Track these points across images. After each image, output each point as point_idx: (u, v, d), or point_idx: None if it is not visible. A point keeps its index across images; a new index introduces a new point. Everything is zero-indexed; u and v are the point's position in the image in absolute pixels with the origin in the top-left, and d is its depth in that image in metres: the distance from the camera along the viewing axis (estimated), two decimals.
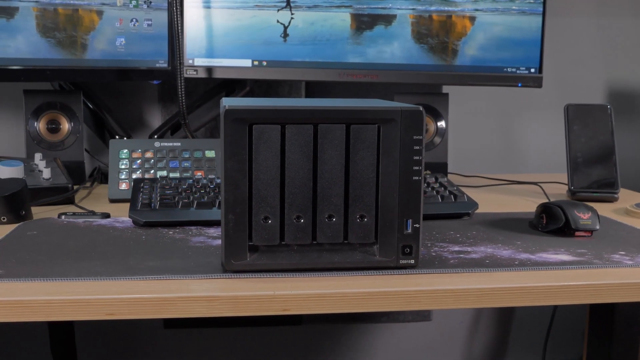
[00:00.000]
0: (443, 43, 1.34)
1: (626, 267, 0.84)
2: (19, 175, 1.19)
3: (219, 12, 1.35)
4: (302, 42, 1.35)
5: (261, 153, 0.77)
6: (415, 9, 1.34)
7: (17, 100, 1.38)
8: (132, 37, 1.34)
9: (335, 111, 0.77)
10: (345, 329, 1.77)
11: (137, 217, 1.01)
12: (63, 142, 1.39)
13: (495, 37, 1.34)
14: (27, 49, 1.29)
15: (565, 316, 1.80)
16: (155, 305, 0.73)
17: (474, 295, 0.77)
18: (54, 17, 1.29)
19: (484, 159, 1.74)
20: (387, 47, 1.35)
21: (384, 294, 0.76)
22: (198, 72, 1.37)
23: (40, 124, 1.38)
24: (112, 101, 1.54)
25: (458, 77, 1.36)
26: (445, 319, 1.81)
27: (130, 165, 1.25)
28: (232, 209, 0.77)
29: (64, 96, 1.39)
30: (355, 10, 1.34)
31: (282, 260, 0.79)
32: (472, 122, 1.72)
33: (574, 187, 1.28)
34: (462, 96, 1.68)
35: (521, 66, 1.34)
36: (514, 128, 1.74)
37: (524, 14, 1.33)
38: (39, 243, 0.91)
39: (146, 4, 1.35)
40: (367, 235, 0.80)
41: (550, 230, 1.00)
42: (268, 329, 1.73)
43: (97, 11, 1.31)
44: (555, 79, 1.70)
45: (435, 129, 1.45)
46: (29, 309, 0.71)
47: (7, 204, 1.03)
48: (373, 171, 0.79)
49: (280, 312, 0.74)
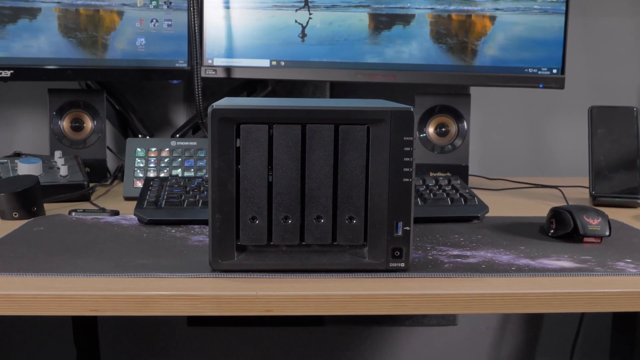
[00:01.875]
0: (462, 43, 1.32)
1: (629, 276, 0.81)
2: (37, 172, 1.21)
3: (239, 12, 1.35)
4: (320, 42, 1.35)
5: (248, 153, 0.77)
6: (434, 8, 1.32)
7: (43, 99, 1.41)
8: (152, 37, 1.36)
9: (323, 111, 0.77)
10: (368, 331, 1.76)
11: (141, 215, 1.02)
12: (86, 141, 1.42)
13: (516, 37, 1.31)
14: (49, 49, 1.31)
15: (594, 323, 1.75)
16: (139, 302, 0.73)
17: (463, 301, 0.75)
18: (76, 17, 1.32)
19: (513, 161, 1.70)
20: (405, 47, 1.33)
21: (370, 296, 0.75)
22: (217, 72, 1.38)
23: (64, 122, 1.41)
24: (138, 101, 1.57)
25: (477, 78, 1.33)
26: (472, 324, 1.77)
27: (146, 163, 1.27)
28: (219, 209, 0.77)
29: (88, 95, 1.42)
30: (373, 10, 1.33)
31: (270, 260, 0.79)
32: (501, 124, 1.68)
33: (595, 191, 1.24)
34: (491, 97, 1.65)
35: (543, 67, 1.31)
36: (544, 130, 1.69)
37: (546, 13, 1.29)
38: (42, 239, 0.93)
39: (166, 5, 1.36)
40: (356, 237, 0.79)
41: (558, 235, 0.97)
42: (291, 329, 1.73)
43: (117, 12, 1.34)
44: (588, 81, 1.65)
45: (456, 130, 1.43)
46: (16, 304, 0.73)
47: (18, 200, 1.05)
48: (362, 172, 0.78)
49: (263, 312, 0.74)
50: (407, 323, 1.75)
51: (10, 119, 1.57)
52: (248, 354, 1.73)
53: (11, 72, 1.30)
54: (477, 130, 1.68)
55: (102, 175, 1.41)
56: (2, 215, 1.06)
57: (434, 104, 1.42)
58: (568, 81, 1.64)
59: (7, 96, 1.56)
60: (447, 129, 1.43)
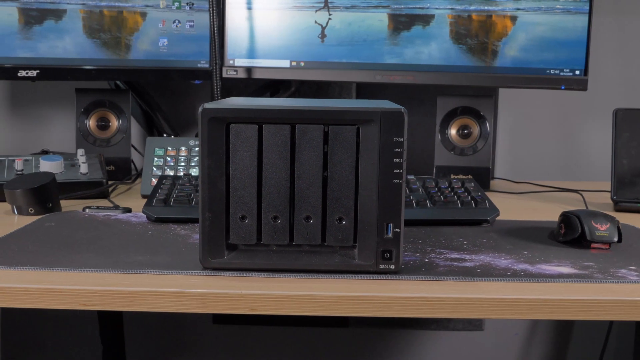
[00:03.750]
0: (482, 44, 1.30)
1: (628, 284, 0.78)
2: (58, 169, 1.25)
3: (260, 13, 1.36)
4: (340, 42, 1.35)
5: (238, 152, 0.77)
6: (454, 8, 1.30)
7: (72, 98, 1.45)
8: (174, 38, 1.38)
9: (312, 111, 0.77)
10: (393, 334, 1.74)
11: (149, 212, 1.04)
12: (111, 139, 1.45)
13: (538, 37, 1.28)
14: (74, 49, 1.35)
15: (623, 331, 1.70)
16: (126, 298, 0.74)
17: (450, 305, 0.74)
18: (100, 18, 1.35)
19: (544, 165, 1.67)
20: (424, 47, 1.32)
21: (355, 298, 0.74)
22: (238, 73, 1.39)
23: (91, 121, 1.44)
24: (164, 100, 1.59)
25: (497, 79, 1.31)
26: (499, 329, 1.74)
27: (164, 162, 1.29)
28: (209, 207, 0.78)
29: (114, 95, 1.45)
30: (392, 11, 1.32)
31: (259, 260, 0.79)
32: (532, 126, 1.65)
33: (617, 197, 1.21)
34: (520, 99, 1.62)
35: (565, 68, 1.28)
36: (577, 133, 1.65)
37: (569, 13, 1.26)
38: (50, 234, 0.95)
39: (188, 6, 1.38)
40: (345, 238, 0.78)
41: (566, 240, 0.95)
42: (315, 330, 1.73)
43: (140, 13, 1.36)
44: (621, 82, 1.61)
45: (479, 132, 1.41)
46: (8, 296, 0.75)
47: (34, 196, 1.08)
48: (352, 173, 0.77)
49: (248, 311, 0.74)
50: (433, 327, 1.74)
51: (41, 118, 1.62)
52: (272, 353, 1.74)
53: (37, 72, 1.34)
54: (505, 133, 1.65)
55: (126, 174, 1.44)
56: (19, 210, 1.09)
57: (456, 106, 1.40)
58: (601, 82, 1.60)
59: (38, 95, 1.61)
60: (469, 131, 1.41)
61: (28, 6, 1.32)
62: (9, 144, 1.63)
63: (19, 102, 1.62)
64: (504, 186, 1.44)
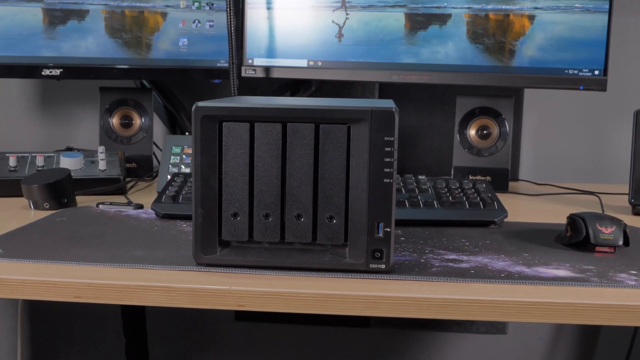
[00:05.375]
0: (500, 43, 1.28)
1: (623, 288, 0.76)
2: (77, 166, 1.28)
3: (279, 13, 1.37)
4: (357, 42, 1.35)
5: (231, 150, 0.78)
6: (471, 7, 1.29)
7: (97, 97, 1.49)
8: (194, 38, 1.40)
9: (303, 110, 0.77)
10: (414, 335, 1.73)
11: (157, 209, 1.06)
12: (133, 137, 1.47)
13: (556, 37, 1.26)
14: (96, 48, 1.38)
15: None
16: (118, 291, 0.76)
17: (438, 306, 0.74)
18: (121, 18, 1.37)
19: (571, 166, 1.64)
20: (441, 47, 1.31)
21: (341, 296, 0.74)
22: (257, 72, 1.40)
23: (114, 119, 1.47)
24: (188, 100, 1.61)
25: (514, 79, 1.29)
26: (522, 333, 1.72)
27: (180, 160, 1.31)
28: (202, 204, 0.79)
29: (137, 94, 1.48)
30: (409, 10, 1.31)
31: (251, 257, 0.80)
32: (558, 127, 1.62)
33: (634, 200, 1.18)
34: (547, 99, 1.59)
35: (584, 68, 1.25)
36: (605, 134, 1.62)
37: (588, 12, 1.24)
38: (58, 229, 0.98)
39: (208, 6, 1.40)
40: (336, 236, 0.79)
41: (572, 243, 0.93)
42: (336, 329, 1.73)
43: (161, 13, 1.38)
44: None
45: (498, 133, 1.39)
46: (6, 287, 0.77)
47: (49, 191, 1.11)
48: (343, 172, 0.78)
49: (236, 307, 0.75)
50: (455, 329, 1.72)
51: (69, 116, 1.66)
52: (293, 351, 1.75)
53: (60, 70, 1.37)
54: (530, 134, 1.62)
55: (147, 171, 1.47)
56: (35, 205, 1.12)
57: (475, 106, 1.39)
58: (629, 83, 1.56)
59: (66, 94, 1.65)
60: (489, 132, 1.39)
61: (52, 6, 1.36)
62: (40, 141, 1.68)
63: (49, 100, 1.67)
64: (525, 188, 1.42)
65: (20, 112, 1.68)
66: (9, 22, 1.36)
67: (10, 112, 1.69)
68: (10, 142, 1.69)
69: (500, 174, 1.38)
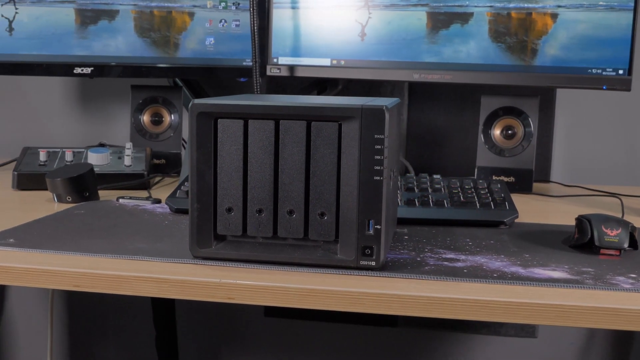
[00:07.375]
0: (522, 42, 1.27)
1: (616, 291, 0.75)
2: (104, 161, 1.32)
3: (303, 12, 1.39)
4: (379, 41, 1.35)
5: (225, 146, 0.80)
6: (493, 6, 1.27)
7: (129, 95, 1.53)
8: (220, 37, 1.43)
9: (294, 107, 0.78)
10: (441, 336, 1.72)
11: (170, 203, 1.09)
12: (163, 134, 1.51)
13: (579, 35, 1.24)
14: (125, 47, 1.42)
15: None
16: (112, 281, 0.79)
17: (422, 303, 0.74)
18: (150, 18, 1.41)
19: (605, 168, 1.60)
20: (462, 46, 1.30)
21: (327, 292, 0.75)
22: (281, 71, 1.42)
23: (145, 116, 1.51)
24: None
25: (537, 78, 1.27)
26: (553, 337, 1.69)
27: None
28: (197, 199, 0.81)
29: (167, 92, 1.52)
30: (431, 9, 1.31)
31: (244, 251, 0.82)
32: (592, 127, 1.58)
33: None
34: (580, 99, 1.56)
35: (608, 67, 1.23)
36: (637, 136, 1.57)
37: (613, 10, 1.21)
38: (74, 221, 1.02)
39: (235, 6, 1.42)
40: (327, 233, 0.79)
41: (577, 245, 0.92)
42: (363, 328, 1.74)
43: (188, 13, 1.42)
44: None
45: (523, 133, 1.37)
46: (10, 275, 0.81)
47: (71, 185, 1.15)
48: (334, 169, 0.78)
49: (226, 300, 0.77)
50: (483, 331, 1.70)
51: (105, 113, 1.71)
52: (320, 348, 1.76)
53: (91, 69, 1.42)
54: (562, 134, 1.59)
55: (175, 167, 1.50)
56: (59, 198, 1.17)
57: (500, 106, 1.37)
58: None
59: (101, 92, 1.71)
60: (513, 132, 1.38)
61: (84, 7, 1.41)
62: (78, 137, 1.74)
63: (87, 98, 1.73)
64: (554, 189, 1.40)
65: (60, 109, 1.75)
66: (44, 22, 1.41)
67: (51, 109, 1.76)
68: (51, 138, 1.75)
69: (525, 175, 1.36)
